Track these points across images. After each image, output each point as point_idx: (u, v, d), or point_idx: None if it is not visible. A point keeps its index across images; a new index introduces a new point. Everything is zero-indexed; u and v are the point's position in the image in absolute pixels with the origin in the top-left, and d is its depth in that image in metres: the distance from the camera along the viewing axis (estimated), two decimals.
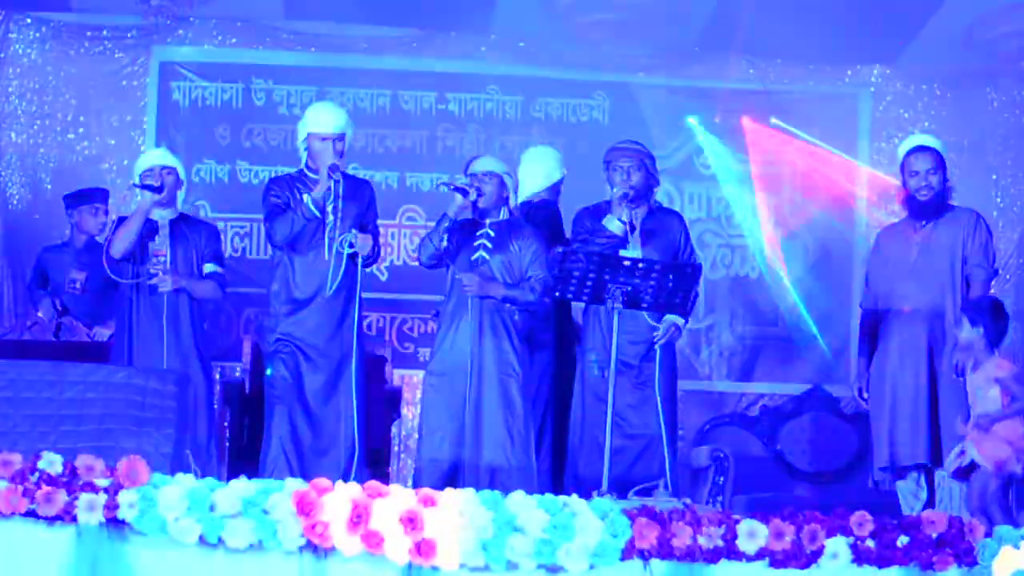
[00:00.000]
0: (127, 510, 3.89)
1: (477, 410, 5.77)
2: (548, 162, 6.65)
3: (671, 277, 5.35)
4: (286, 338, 5.98)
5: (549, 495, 4.11)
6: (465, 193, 5.81)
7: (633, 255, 5.78)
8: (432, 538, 3.94)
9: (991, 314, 5.63)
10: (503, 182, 5.96)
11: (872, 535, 4.15)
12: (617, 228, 5.92)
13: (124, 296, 6.23)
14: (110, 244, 6.18)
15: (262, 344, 6.28)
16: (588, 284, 5.36)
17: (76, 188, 7.34)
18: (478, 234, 5.92)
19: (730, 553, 4.08)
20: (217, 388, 7.05)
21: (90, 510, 3.87)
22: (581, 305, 6.45)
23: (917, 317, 6.02)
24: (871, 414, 6.16)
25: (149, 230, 6.19)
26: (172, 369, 6.03)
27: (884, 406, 6.03)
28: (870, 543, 4.13)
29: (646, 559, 4.04)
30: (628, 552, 4.02)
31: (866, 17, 7.79)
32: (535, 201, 6.45)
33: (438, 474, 5.77)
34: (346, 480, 4.76)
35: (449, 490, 4.07)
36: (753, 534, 4.09)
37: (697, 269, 5.59)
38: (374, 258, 6.13)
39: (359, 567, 3.96)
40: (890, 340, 6.08)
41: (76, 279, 7.11)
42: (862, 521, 4.15)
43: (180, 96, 8.21)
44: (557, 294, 5.57)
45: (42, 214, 7.93)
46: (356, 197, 6.07)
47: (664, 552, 4.04)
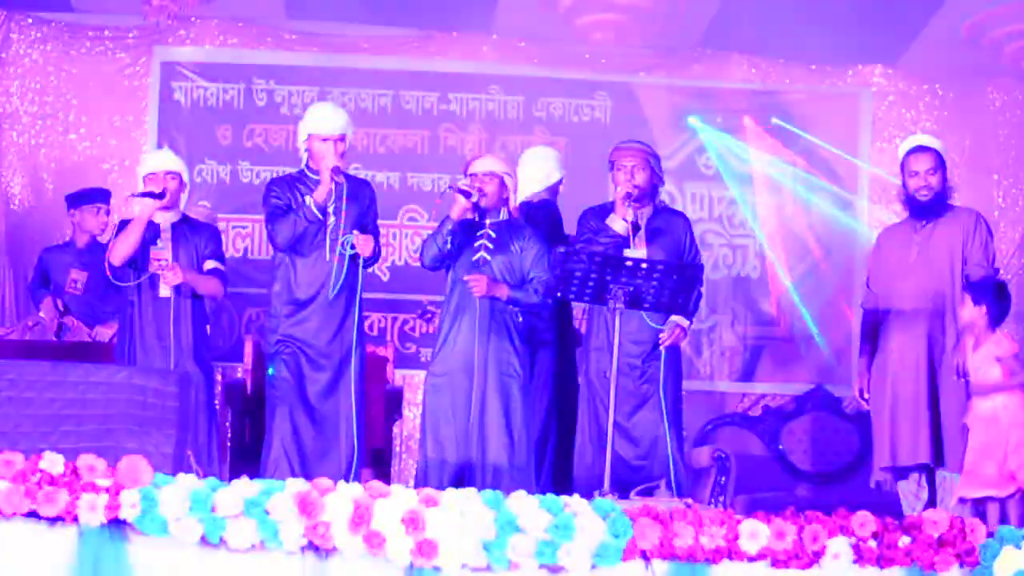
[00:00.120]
0: (128, 510, 3.90)
1: (479, 411, 5.76)
2: (547, 163, 6.64)
3: (673, 277, 5.34)
4: (287, 339, 5.96)
5: (551, 495, 4.11)
6: (468, 195, 5.80)
7: (637, 255, 5.77)
8: (434, 538, 3.94)
9: (994, 293, 5.64)
10: (503, 182, 5.95)
11: (874, 535, 4.15)
12: (621, 228, 5.92)
13: (126, 299, 6.22)
14: (110, 251, 6.17)
15: (263, 345, 6.27)
16: (590, 284, 5.35)
17: (77, 188, 7.34)
18: (478, 235, 5.91)
19: (732, 553, 4.09)
20: (218, 388, 7.05)
21: (91, 510, 3.88)
22: (582, 306, 6.46)
23: (917, 317, 6.02)
24: (872, 414, 6.15)
25: (151, 234, 6.18)
26: (173, 369, 6.04)
27: (885, 406, 6.02)
28: (872, 543, 4.14)
29: (648, 559, 4.04)
30: (630, 552, 4.03)
31: (867, 17, 7.79)
32: (534, 202, 6.44)
33: (440, 475, 5.77)
34: (347, 480, 4.76)
35: (451, 490, 4.07)
36: (755, 534, 4.09)
37: (698, 270, 5.58)
38: (375, 259, 6.12)
39: (361, 567, 3.96)
40: (890, 340, 6.07)
41: (77, 279, 7.11)
42: (864, 521, 4.15)
43: (181, 96, 8.21)
44: (559, 294, 5.56)
45: (43, 214, 7.93)
46: (357, 198, 6.05)
47: (666, 552, 4.05)
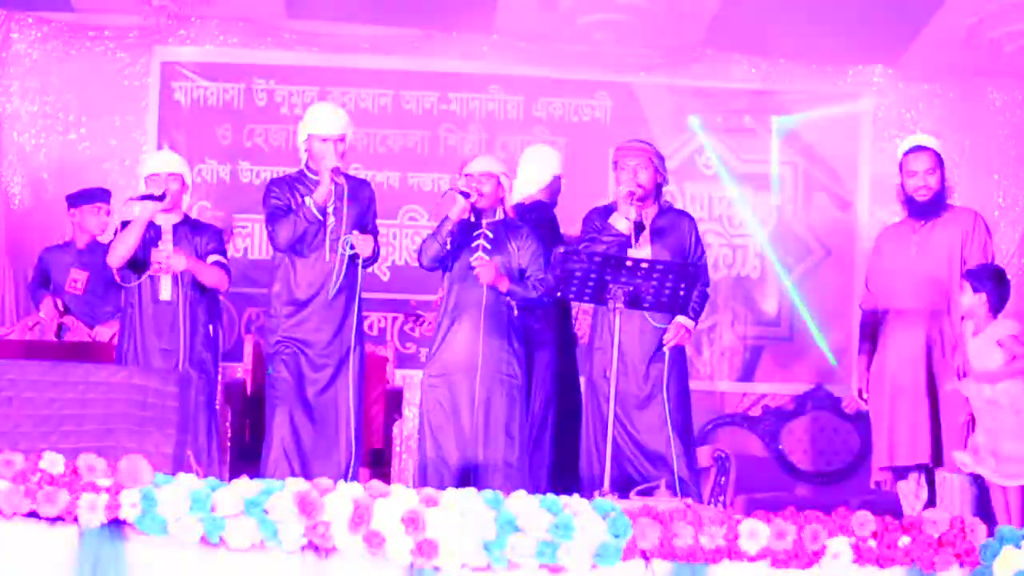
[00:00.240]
0: (128, 510, 3.89)
1: (478, 411, 5.76)
2: (540, 163, 6.63)
3: (672, 277, 5.34)
4: (287, 339, 5.96)
5: (551, 495, 4.11)
6: (467, 196, 5.82)
7: (640, 255, 5.77)
8: (434, 538, 3.94)
9: (994, 280, 5.65)
10: (500, 182, 5.96)
11: (874, 535, 4.15)
12: (624, 227, 5.90)
13: (127, 300, 6.22)
14: (109, 252, 6.17)
15: (263, 345, 6.27)
16: (589, 284, 5.34)
17: (78, 188, 7.33)
18: (475, 234, 5.92)
19: (732, 553, 4.08)
20: (218, 388, 7.05)
21: (91, 510, 3.87)
22: (581, 307, 6.46)
23: (916, 317, 6.02)
24: (871, 414, 6.15)
25: (153, 235, 6.18)
26: (174, 369, 6.04)
27: (884, 406, 6.02)
28: (872, 543, 4.13)
29: (648, 559, 4.04)
30: (630, 552, 4.02)
31: (868, 17, 7.78)
32: (526, 203, 6.43)
33: (438, 474, 5.77)
34: (346, 480, 4.76)
35: (451, 490, 4.07)
36: (755, 534, 4.09)
37: (699, 269, 5.58)
38: (374, 259, 6.12)
39: (360, 567, 3.96)
40: (889, 340, 6.07)
41: (77, 279, 7.11)
42: (864, 521, 4.15)
43: (182, 96, 8.21)
44: (559, 294, 5.56)
45: (43, 214, 7.93)
46: (357, 198, 6.06)
47: (666, 552, 4.04)
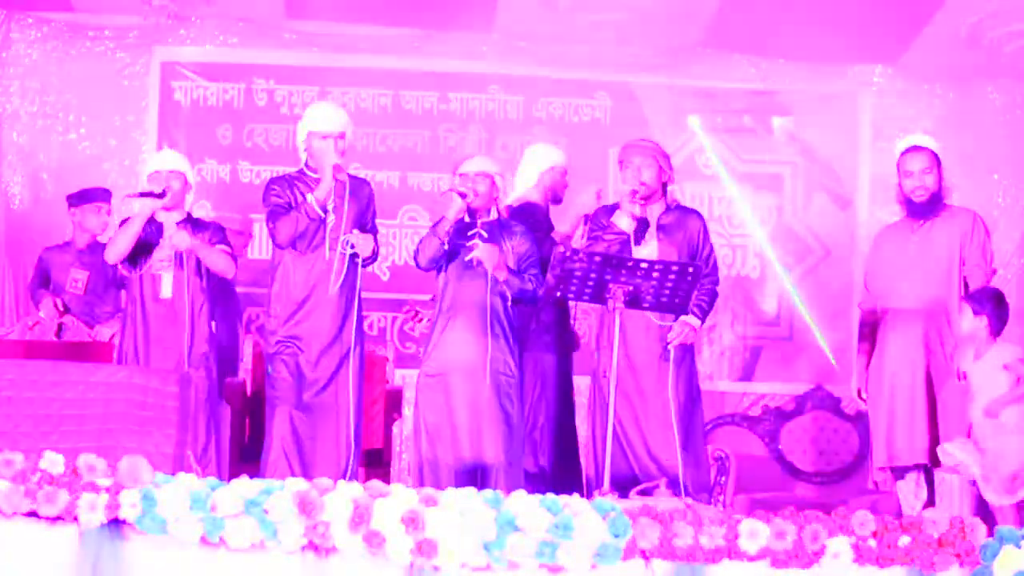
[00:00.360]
0: (128, 510, 3.90)
1: (476, 410, 5.77)
2: (530, 162, 6.62)
3: (672, 277, 5.33)
4: (287, 339, 5.97)
5: (551, 495, 4.11)
6: (464, 196, 5.83)
7: (645, 253, 5.77)
8: (434, 538, 3.94)
9: (994, 303, 5.67)
10: (494, 182, 5.98)
11: (873, 535, 4.14)
12: (626, 225, 5.88)
13: (130, 296, 6.23)
14: (107, 247, 6.19)
15: (263, 345, 6.27)
16: (589, 284, 5.34)
17: (78, 188, 7.33)
18: (470, 234, 5.93)
19: (731, 553, 4.08)
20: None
21: (91, 510, 3.88)
22: (582, 308, 6.45)
23: (915, 317, 6.01)
24: (870, 414, 6.15)
25: (155, 232, 6.18)
26: (175, 367, 6.04)
27: (882, 406, 6.02)
28: (871, 543, 4.13)
29: (647, 559, 4.04)
30: (630, 552, 4.02)
31: (867, 17, 7.78)
32: (513, 205, 6.42)
33: (435, 474, 5.77)
34: (346, 480, 4.76)
35: (451, 490, 4.07)
36: (754, 534, 4.09)
37: (698, 269, 5.55)
38: (374, 258, 6.13)
39: (360, 567, 3.96)
40: (888, 340, 6.07)
41: (78, 279, 7.11)
42: (864, 521, 4.14)
43: (181, 96, 8.21)
44: (558, 294, 5.55)
45: (43, 214, 7.93)
46: (357, 196, 6.06)
47: (666, 552, 4.04)
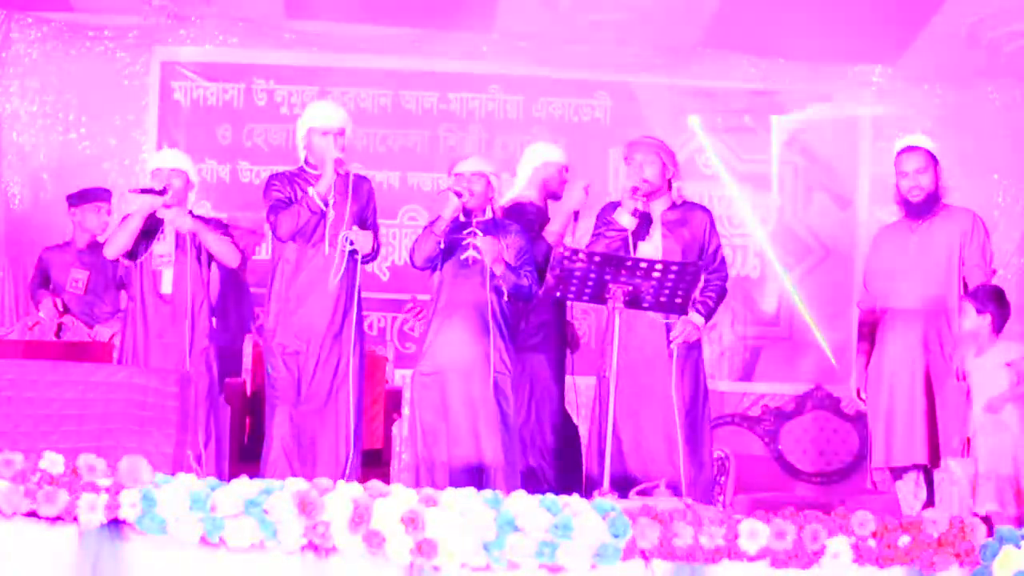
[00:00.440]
0: (128, 510, 3.89)
1: (470, 409, 5.77)
2: (524, 161, 6.65)
3: (671, 277, 5.32)
4: (287, 337, 5.97)
5: (550, 495, 4.11)
6: (460, 195, 5.85)
7: (649, 250, 5.77)
8: (433, 538, 3.94)
9: (996, 301, 5.68)
10: (490, 182, 5.98)
11: (873, 535, 4.14)
12: (628, 222, 5.86)
13: (130, 293, 6.23)
14: (106, 243, 6.20)
15: (263, 344, 6.27)
16: (589, 284, 5.33)
17: (77, 188, 7.34)
18: (465, 233, 5.94)
19: (731, 553, 4.08)
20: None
21: (91, 510, 3.88)
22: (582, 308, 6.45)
23: (914, 317, 6.01)
24: (869, 414, 6.15)
25: (156, 231, 6.19)
26: (176, 363, 6.05)
27: (881, 406, 6.02)
28: (871, 543, 4.13)
29: (647, 559, 4.04)
30: (629, 552, 4.02)
31: (867, 17, 7.78)
32: (505, 206, 6.41)
33: (432, 473, 5.77)
34: (346, 480, 4.76)
35: (451, 490, 4.07)
36: (754, 534, 4.09)
37: (698, 269, 5.53)
38: (374, 255, 6.13)
39: (360, 567, 3.96)
40: (887, 340, 6.07)
41: (78, 279, 7.12)
42: (863, 521, 4.14)
43: (181, 96, 8.21)
44: (558, 294, 5.54)
45: (43, 214, 7.93)
46: (357, 194, 6.07)
47: (665, 552, 4.04)
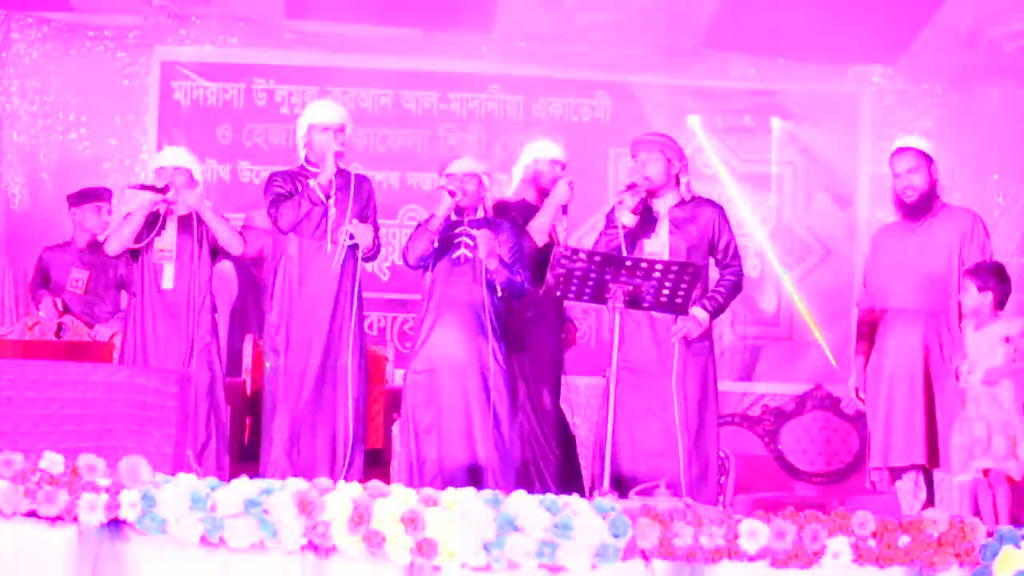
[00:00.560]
0: (128, 510, 3.90)
1: (464, 408, 5.78)
2: (519, 162, 6.65)
3: (670, 276, 5.31)
4: (287, 335, 5.98)
5: (550, 495, 4.11)
6: (454, 194, 5.86)
7: (655, 246, 5.76)
8: (433, 538, 3.94)
9: (997, 277, 5.69)
10: (482, 181, 6.00)
11: (873, 535, 4.14)
12: (628, 220, 5.85)
13: (131, 289, 6.24)
14: (106, 240, 6.21)
15: (263, 343, 6.27)
16: (589, 284, 5.32)
17: (78, 188, 7.34)
18: (457, 232, 5.95)
19: (731, 553, 4.08)
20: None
21: (91, 510, 3.88)
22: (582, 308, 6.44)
23: (914, 316, 6.01)
24: (868, 414, 6.15)
25: (157, 225, 6.20)
26: (174, 366, 6.04)
27: (880, 406, 6.02)
28: (871, 543, 4.13)
29: (647, 559, 4.04)
30: (630, 552, 4.02)
31: (867, 17, 7.78)
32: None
33: (429, 472, 5.77)
34: (346, 479, 4.76)
35: (451, 490, 4.07)
36: (754, 534, 4.09)
37: (698, 269, 5.51)
38: (375, 252, 6.14)
39: (360, 567, 3.96)
40: (886, 339, 6.06)
41: (78, 278, 7.12)
42: (864, 521, 4.14)
43: (181, 96, 8.21)
44: (558, 294, 5.54)
45: (43, 214, 7.93)
46: (358, 192, 6.08)
47: (665, 552, 4.04)
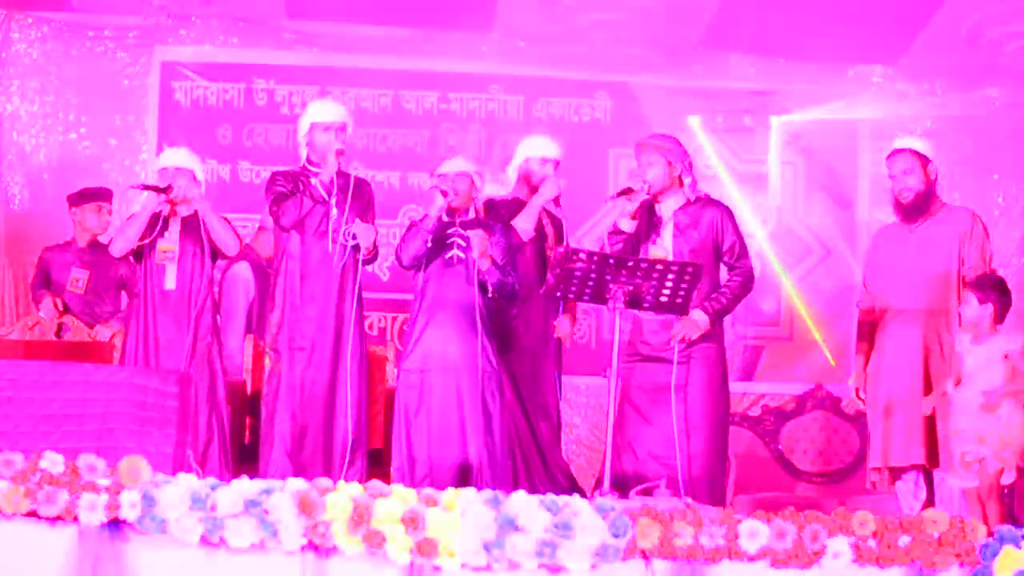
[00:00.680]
0: (128, 510, 3.89)
1: (456, 407, 5.79)
2: (513, 161, 6.65)
3: (670, 277, 5.31)
4: (288, 336, 5.98)
5: (550, 495, 4.11)
6: (447, 194, 5.87)
7: (659, 250, 5.77)
8: (434, 538, 3.94)
9: (998, 290, 5.68)
10: (473, 182, 6.01)
11: (873, 535, 4.14)
12: (627, 225, 5.85)
13: (134, 291, 6.26)
14: (110, 242, 6.23)
15: (264, 342, 6.28)
16: (589, 284, 5.32)
17: (78, 188, 7.35)
18: (449, 232, 5.95)
19: (731, 553, 4.08)
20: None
21: (91, 510, 3.88)
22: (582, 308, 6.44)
23: (914, 316, 6.01)
24: (868, 413, 6.15)
25: (159, 226, 6.21)
26: (175, 366, 6.05)
27: (880, 406, 6.02)
28: (872, 543, 4.13)
29: (648, 559, 4.04)
30: (630, 552, 4.02)
31: (867, 17, 7.79)
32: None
33: (421, 472, 5.77)
34: (346, 479, 4.76)
35: (451, 490, 4.07)
36: (755, 534, 4.09)
37: (698, 269, 5.49)
38: (374, 254, 6.14)
39: (360, 567, 3.96)
40: (886, 339, 6.06)
41: (79, 278, 7.13)
42: (864, 521, 4.14)
43: (182, 96, 8.22)
44: (558, 294, 5.53)
45: (43, 214, 7.94)
46: (358, 193, 6.09)
47: (666, 552, 4.04)
